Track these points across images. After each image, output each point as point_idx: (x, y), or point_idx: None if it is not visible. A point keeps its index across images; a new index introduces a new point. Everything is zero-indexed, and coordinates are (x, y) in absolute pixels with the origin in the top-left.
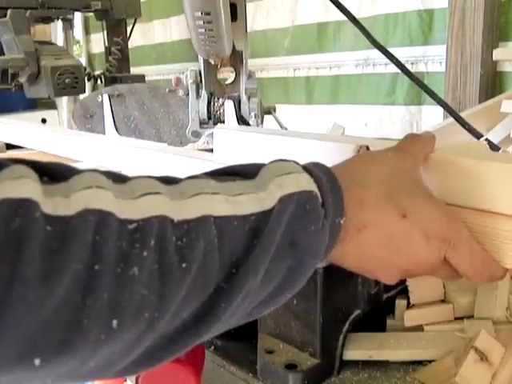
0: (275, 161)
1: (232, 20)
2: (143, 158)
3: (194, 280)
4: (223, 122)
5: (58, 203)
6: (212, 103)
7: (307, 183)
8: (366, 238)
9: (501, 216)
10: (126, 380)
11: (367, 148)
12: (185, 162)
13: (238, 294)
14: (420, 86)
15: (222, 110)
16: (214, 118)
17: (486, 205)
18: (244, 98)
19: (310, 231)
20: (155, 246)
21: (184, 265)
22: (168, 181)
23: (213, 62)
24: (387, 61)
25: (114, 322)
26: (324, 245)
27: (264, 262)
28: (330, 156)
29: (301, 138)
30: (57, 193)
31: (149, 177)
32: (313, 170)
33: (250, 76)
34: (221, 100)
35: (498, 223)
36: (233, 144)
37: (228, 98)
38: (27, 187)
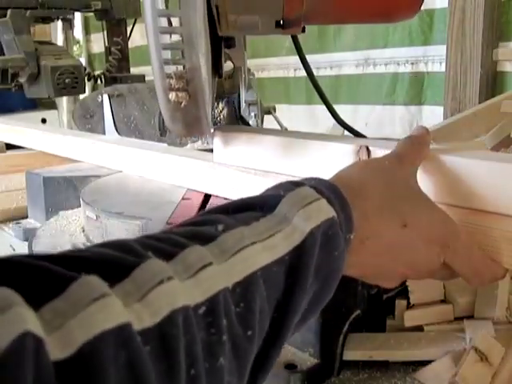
0: (288, 188)
1: (230, 47)
2: (143, 157)
3: (255, 345)
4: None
5: (138, 313)
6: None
7: (327, 209)
8: (368, 248)
9: (499, 216)
10: None
11: (367, 148)
12: (185, 161)
13: (285, 337)
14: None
15: (222, 116)
16: (214, 124)
17: (484, 205)
18: (244, 107)
19: (334, 256)
20: (226, 324)
21: (249, 333)
22: (205, 239)
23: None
24: (387, 61)
25: None
26: (344, 263)
27: (303, 299)
28: (331, 156)
29: (301, 138)
30: (129, 298)
31: (186, 238)
32: (322, 190)
33: (249, 87)
34: (221, 105)
35: (497, 223)
36: (233, 144)
37: (228, 100)
38: (115, 308)
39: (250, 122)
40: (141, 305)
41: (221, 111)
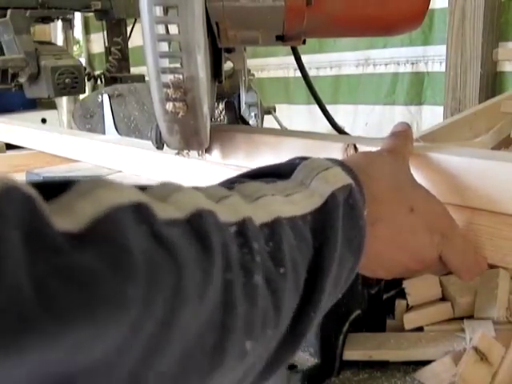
0: (302, 158)
1: (230, 52)
2: (143, 157)
3: (291, 289)
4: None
5: (163, 207)
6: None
7: (343, 176)
8: (377, 232)
9: (485, 212)
10: None
11: (354, 146)
12: (184, 161)
13: (321, 301)
14: None
15: (222, 117)
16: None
17: (468, 202)
18: (244, 108)
19: (359, 226)
20: (258, 249)
21: (282, 270)
22: (227, 188)
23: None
24: (387, 61)
25: (248, 344)
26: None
27: (333, 262)
28: (319, 154)
29: (289, 136)
30: (152, 199)
31: (210, 186)
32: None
33: (249, 89)
34: (221, 106)
35: (484, 220)
36: (227, 143)
37: (228, 101)
38: (128, 190)
39: (250, 122)
40: (161, 204)
41: (221, 112)
